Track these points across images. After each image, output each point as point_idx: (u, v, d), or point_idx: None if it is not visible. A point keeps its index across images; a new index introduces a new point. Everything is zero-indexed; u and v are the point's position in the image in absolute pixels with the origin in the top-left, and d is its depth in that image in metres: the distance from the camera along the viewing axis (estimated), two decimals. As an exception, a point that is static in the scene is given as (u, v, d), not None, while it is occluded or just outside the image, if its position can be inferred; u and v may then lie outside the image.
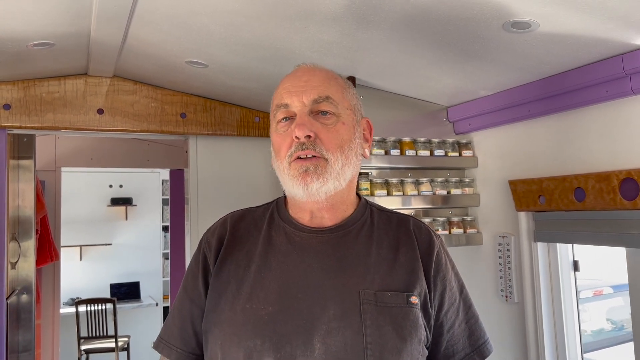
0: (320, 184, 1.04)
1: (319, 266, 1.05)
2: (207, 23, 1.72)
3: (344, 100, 1.11)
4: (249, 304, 1.03)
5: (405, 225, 1.15)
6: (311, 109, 1.07)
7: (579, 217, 1.77)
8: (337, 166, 1.05)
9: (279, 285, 1.04)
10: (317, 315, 1.00)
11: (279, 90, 1.11)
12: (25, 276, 2.91)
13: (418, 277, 1.07)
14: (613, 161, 1.64)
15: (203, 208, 2.83)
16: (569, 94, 1.74)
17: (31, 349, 2.89)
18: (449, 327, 1.10)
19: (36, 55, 2.10)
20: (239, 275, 1.08)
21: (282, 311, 1.01)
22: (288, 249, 1.09)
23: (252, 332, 1.00)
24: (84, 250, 6.62)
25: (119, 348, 5.67)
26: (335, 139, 1.06)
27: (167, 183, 6.94)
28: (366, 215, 1.14)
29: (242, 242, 1.13)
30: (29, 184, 2.93)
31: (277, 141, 1.09)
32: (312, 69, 1.13)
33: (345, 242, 1.09)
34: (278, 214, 1.16)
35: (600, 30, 1.42)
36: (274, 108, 1.11)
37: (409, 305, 1.03)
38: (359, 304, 1.01)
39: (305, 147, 1.04)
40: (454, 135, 2.32)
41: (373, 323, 0.99)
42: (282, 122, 1.09)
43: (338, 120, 1.08)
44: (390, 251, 1.09)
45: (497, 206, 2.16)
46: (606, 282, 3.01)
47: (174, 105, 2.64)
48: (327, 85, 1.09)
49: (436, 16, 1.46)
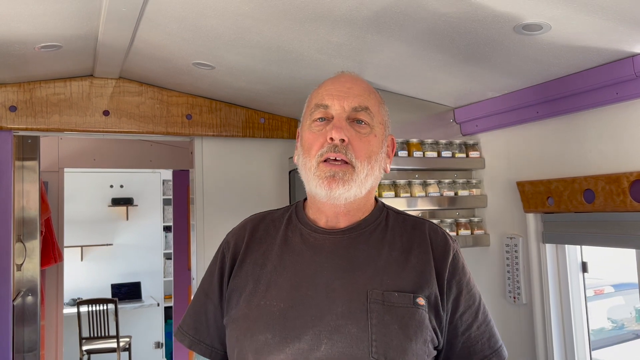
0: (344, 190, 1.07)
1: (329, 265, 1.09)
2: (216, 25, 1.72)
3: (379, 114, 1.15)
4: (263, 300, 1.08)
5: (420, 228, 1.17)
6: (349, 115, 1.10)
7: (588, 218, 1.77)
8: (362, 175, 1.09)
9: (291, 283, 1.09)
10: (326, 312, 1.03)
11: (321, 91, 1.15)
12: (30, 277, 2.91)
13: (428, 279, 1.09)
14: (623, 163, 1.64)
15: (208, 208, 2.83)
16: (578, 96, 1.74)
17: (36, 350, 2.90)
18: (465, 329, 1.11)
19: (43, 58, 2.10)
20: (256, 274, 1.13)
21: (293, 307, 1.05)
22: (302, 249, 1.13)
23: (264, 327, 1.05)
24: (85, 250, 6.61)
25: (120, 348, 5.67)
26: (366, 149, 1.10)
27: (167, 183, 6.94)
28: (381, 218, 1.17)
29: (261, 242, 1.18)
30: (34, 185, 2.93)
31: (309, 139, 1.12)
32: (355, 77, 1.17)
33: (357, 244, 1.12)
34: (296, 216, 1.20)
35: (611, 33, 1.42)
36: (312, 106, 1.14)
37: (415, 306, 1.05)
38: (366, 303, 1.03)
39: (337, 150, 1.07)
40: (461, 136, 2.32)
41: (379, 322, 1.02)
42: (318, 121, 1.12)
43: (371, 131, 1.12)
44: (402, 253, 1.11)
45: (505, 207, 2.16)
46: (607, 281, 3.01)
47: (179, 107, 2.64)
48: (367, 97, 1.13)
49: (446, 19, 1.46)
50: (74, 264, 6.37)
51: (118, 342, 5.63)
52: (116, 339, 5.63)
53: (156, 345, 6.73)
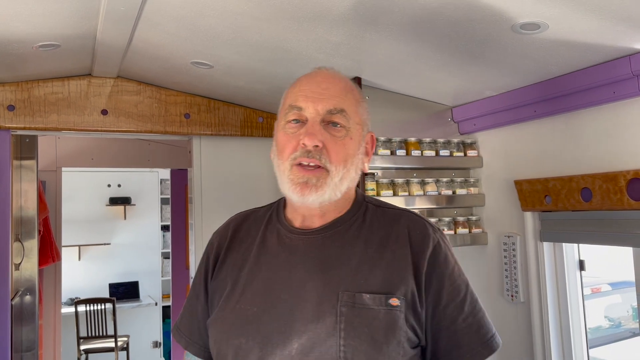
0: (318, 196, 1.05)
1: (303, 267, 1.07)
2: (214, 25, 1.72)
3: (356, 114, 1.11)
4: (239, 304, 1.08)
5: (398, 220, 1.12)
6: (324, 118, 1.07)
7: (585, 217, 1.78)
8: (336, 178, 1.06)
9: (265, 285, 1.08)
10: (297, 316, 1.02)
11: (295, 90, 1.11)
12: (28, 277, 2.91)
13: (404, 276, 1.04)
14: (620, 161, 1.65)
15: (207, 207, 2.83)
16: (576, 95, 1.75)
17: (34, 349, 2.90)
18: (449, 322, 1.07)
19: (41, 57, 2.10)
20: (234, 275, 1.13)
21: (266, 311, 1.04)
22: (278, 250, 1.11)
23: (239, 331, 1.05)
24: (82, 250, 6.61)
25: (118, 348, 5.66)
26: (341, 153, 1.07)
27: (165, 182, 6.93)
28: (359, 214, 1.13)
29: (241, 243, 1.18)
30: (32, 184, 2.92)
31: (282, 141, 1.09)
32: (332, 76, 1.12)
33: (331, 243, 1.09)
34: (276, 215, 1.18)
35: (608, 32, 1.43)
36: (286, 107, 1.11)
37: (387, 307, 1.01)
38: (336, 305, 1.01)
39: (311, 155, 1.04)
40: (459, 135, 2.33)
41: (348, 325, 0.99)
42: (292, 123, 1.09)
43: (347, 134, 1.08)
44: (377, 250, 1.07)
45: (502, 206, 2.17)
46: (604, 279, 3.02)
47: (177, 106, 2.64)
48: (343, 98, 1.09)
49: (444, 18, 1.46)
50: (71, 264, 6.36)
51: (116, 342, 5.62)
52: (114, 339, 5.62)
53: (154, 344, 6.73)
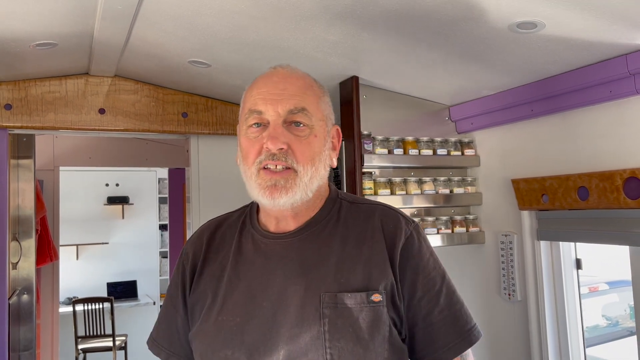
0: (288, 198, 1.03)
1: (282, 272, 1.05)
2: (212, 23, 1.72)
3: (318, 111, 1.09)
4: (220, 315, 1.06)
5: (372, 215, 1.11)
6: (285, 119, 1.04)
7: (582, 215, 1.79)
8: (306, 178, 1.04)
9: (246, 295, 1.06)
10: (281, 323, 1.01)
11: (253, 93, 1.08)
12: (25, 276, 2.91)
13: (382, 270, 1.04)
14: (617, 160, 1.66)
15: (204, 206, 2.83)
16: (572, 94, 1.75)
17: (32, 348, 2.90)
18: (425, 315, 1.05)
19: (38, 55, 2.09)
20: (214, 286, 1.10)
21: (249, 321, 1.03)
22: (254, 257, 1.10)
23: (223, 344, 1.03)
24: (80, 249, 6.60)
25: (116, 347, 5.65)
26: (307, 152, 1.05)
27: (163, 181, 6.92)
28: (333, 211, 1.12)
29: (217, 251, 1.15)
30: (29, 183, 2.92)
31: (245, 146, 1.07)
32: (290, 74, 1.10)
33: (308, 244, 1.07)
34: (250, 220, 1.16)
35: (605, 31, 1.43)
36: (245, 111, 1.08)
37: (370, 304, 1.01)
38: (319, 308, 1.00)
39: (276, 157, 1.02)
40: (457, 134, 2.33)
41: (332, 327, 0.98)
42: (254, 127, 1.06)
43: (311, 132, 1.06)
44: (354, 246, 1.06)
45: (500, 205, 2.17)
46: (602, 278, 3.03)
47: (175, 105, 2.64)
48: (303, 96, 1.07)
49: (442, 17, 1.47)
50: (69, 263, 6.35)
51: (114, 341, 5.62)
52: (112, 338, 5.62)
53: (152, 343, 6.72)
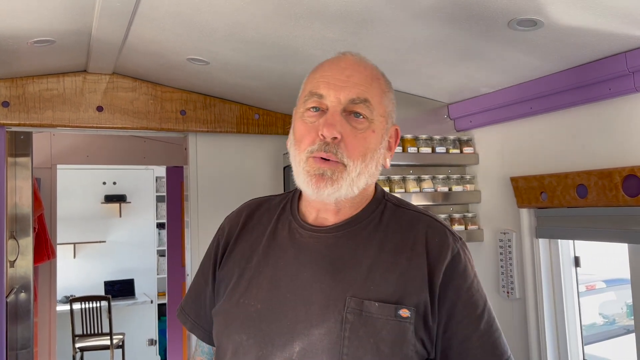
0: (333, 190, 0.99)
1: (311, 267, 1.01)
2: (211, 21, 1.71)
3: (381, 105, 1.04)
4: (242, 298, 1.04)
5: (416, 224, 1.05)
6: (345, 107, 1.00)
7: (581, 213, 1.79)
8: (354, 174, 0.99)
9: (271, 282, 1.03)
10: (301, 319, 0.97)
11: (316, 76, 1.04)
12: (23, 274, 2.90)
13: (418, 286, 0.98)
14: (616, 158, 1.66)
15: (202, 204, 2.83)
16: (571, 92, 1.75)
17: (29, 347, 2.89)
18: (462, 339, 1.00)
19: (36, 53, 2.09)
20: (242, 266, 1.08)
21: (269, 310, 1.00)
22: (287, 245, 1.06)
23: (240, 327, 1.01)
24: (77, 247, 6.59)
25: (113, 345, 5.65)
26: (361, 146, 1.00)
27: (161, 180, 6.91)
28: (376, 213, 1.06)
29: (252, 232, 1.13)
30: (27, 181, 2.91)
31: (300, 130, 1.03)
32: (358, 62, 1.05)
33: (343, 243, 1.03)
34: (290, 206, 1.13)
35: (605, 28, 1.43)
36: (306, 93, 1.04)
37: (397, 319, 0.95)
38: (343, 311, 0.95)
39: (328, 149, 0.98)
40: (455, 132, 2.33)
41: (353, 334, 0.94)
42: (312, 110, 1.02)
43: (369, 126, 1.01)
44: (392, 254, 1.01)
45: (498, 203, 2.17)
46: (599, 277, 3.04)
47: (173, 103, 2.64)
48: (368, 86, 1.02)
49: (441, 14, 1.46)
50: (66, 261, 6.34)
51: (111, 339, 5.61)
52: (109, 336, 5.61)
53: (150, 342, 6.72)
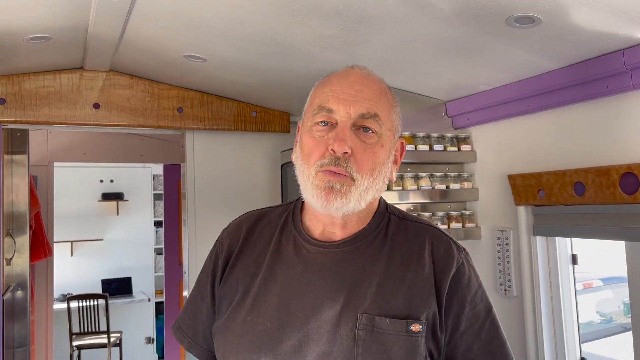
0: (342, 203, 0.99)
1: (320, 284, 1.01)
2: (208, 17, 1.71)
3: (389, 120, 1.05)
4: (249, 316, 1.03)
5: (421, 236, 1.06)
6: (355, 122, 1.00)
7: (578, 211, 1.79)
8: (361, 188, 0.99)
9: (280, 300, 1.02)
10: (312, 337, 0.97)
11: (325, 90, 1.04)
12: (20, 272, 2.89)
13: (426, 298, 1.00)
14: (613, 156, 1.66)
15: (200, 202, 2.82)
16: (569, 89, 1.75)
17: (26, 345, 2.88)
18: (464, 350, 1.02)
19: (32, 49, 2.08)
20: (246, 283, 1.07)
21: (280, 329, 0.99)
22: (294, 262, 1.05)
23: (249, 346, 1.00)
24: (75, 245, 6.58)
25: (111, 344, 5.65)
26: (370, 161, 1.00)
27: (158, 178, 6.90)
28: (381, 226, 1.08)
29: (254, 247, 1.12)
30: (23, 179, 2.90)
31: (309, 145, 1.02)
32: (366, 77, 1.06)
33: (351, 259, 1.03)
34: (292, 220, 1.12)
35: (603, 26, 1.43)
36: (314, 107, 1.03)
37: (408, 334, 0.96)
38: (354, 328, 0.96)
39: (339, 163, 0.97)
40: (453, 130, 2.33)
41: (365, 351, 0.94)
42: (320, 125, 1.02)
43: (378, 141, 1.01)
44: (399, 267, 1.02)
45: (496, 200, 2.17)
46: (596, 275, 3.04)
47: (170, 100, 2.63)
48: (377, 101, 1.03)
49: (439, 11, 1.46)
50: (63, 259, 6.33)
51: (109, 338, 5.61)
52: (107, 335, 5.61)
53: (147, 340, 6.72)
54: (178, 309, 4.79)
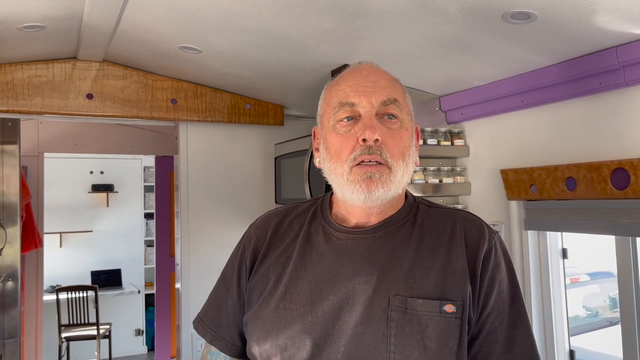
0: (383, 192, 1.00)
1: (351, 268, 1.02)
2: (204, 9, 1.70)
3: (406, 105, 1.07)
4: (282, 302, 1.04)
5: (452, 220, 1.08)
6: (378, 111, 1.01)
7: (569, 206, 1.81)
8: (399, 174, 1.01)
9: (312, 286, 1.03)
10: (345, 319, 0.98)
11: (342, 87, 1.05)
12: (10, 263, 2.87)
13: (460, 279, 1.00)
14: (604, 151, 1.68)
15: (193, 194, 2.82)
16: (562, 85, 1.77)
17: (17, 336, 2.86)
18: (487, 333, 1.02)
19: (25, 38, 2.06)
20: (277, 272, 1.08)
21: (312, 312, 1.01)
22: (324, 249, 1.07)
23: (283, 332, 1.01)
24: (64, 237, 6.54)
25: (100, 335, 5.63)
26: (399, 146, 1.02)
27: (149, 170, 6.87)
28: (410, 214, 1.09)
29: (283, 238, 1.13)
30: (14, 169, 2.87)
31: (336, 142, 1.03)
32: (377, 68, 1.08)
33: (382, 244, 1.04)
34: (321, 212, 1.13)
35: (597, 23, 1.44)
36: (334, 106, 1.05)
37: (441, 314, 0.97)
38: (387, 310, 0.97)
39: (372, 151, 0.99)
40: (447, 124, 2.35)
41: (399, 332, 0.95)
42: (344, 121, 1.03)
43: (402, 125, 1.03)
44: (430, 251, 1.03)
45: (488, 195, 2.19)
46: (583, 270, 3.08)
47: (164, 91, 2.62)
48: (393, 88, 1.05)
49: (435, 6, 1.47)
50: (53, 251, 6.29)
51: (98, 329, 5.59)
52: (96, 326, 5.59)
53: (136, 332, 6.71)
54: (169, 301, 4.78)
